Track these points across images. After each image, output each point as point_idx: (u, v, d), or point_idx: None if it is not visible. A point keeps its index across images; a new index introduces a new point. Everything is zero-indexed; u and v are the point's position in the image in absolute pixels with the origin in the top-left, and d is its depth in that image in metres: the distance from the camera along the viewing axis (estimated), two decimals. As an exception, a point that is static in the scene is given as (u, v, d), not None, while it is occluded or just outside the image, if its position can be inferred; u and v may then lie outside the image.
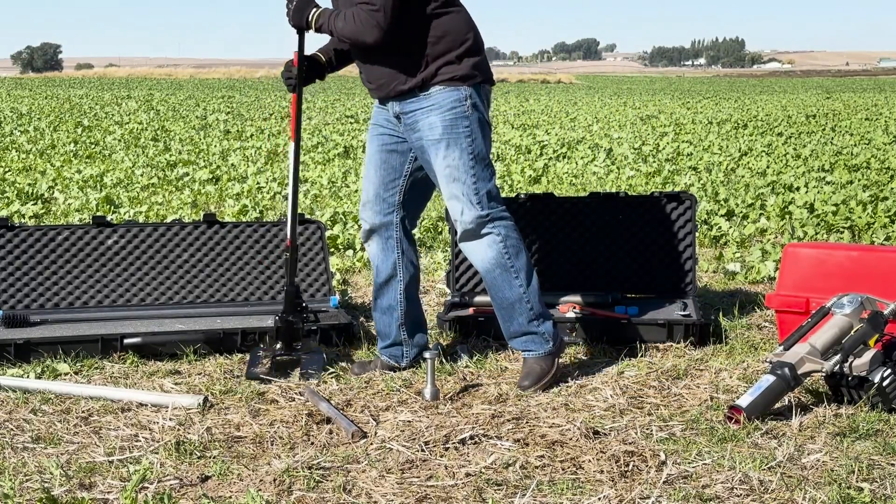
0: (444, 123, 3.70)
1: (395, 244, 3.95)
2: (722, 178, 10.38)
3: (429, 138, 3.73)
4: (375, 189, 3.95)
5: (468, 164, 3.70)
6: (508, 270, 3.76)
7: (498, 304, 3.83)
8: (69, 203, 8.29)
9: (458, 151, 3.70)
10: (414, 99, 3.74)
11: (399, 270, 3.96)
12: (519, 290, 3.78)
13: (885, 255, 4.15)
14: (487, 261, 3.77)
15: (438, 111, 3.70)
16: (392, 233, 3.94)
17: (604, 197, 4.90)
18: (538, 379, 3.77)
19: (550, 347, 3.81)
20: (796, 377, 3.48)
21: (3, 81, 52.96)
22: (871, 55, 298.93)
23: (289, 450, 3.19)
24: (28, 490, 2.85)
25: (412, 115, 3.75)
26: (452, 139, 3.70)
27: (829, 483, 2.89)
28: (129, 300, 4.59)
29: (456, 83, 3.70)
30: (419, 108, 3.73)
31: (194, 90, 38.51)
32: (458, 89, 3.69)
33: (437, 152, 3.73)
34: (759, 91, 42.25)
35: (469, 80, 3.72)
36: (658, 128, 17.89)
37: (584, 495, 2.84)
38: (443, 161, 3.72)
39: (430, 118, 3.72)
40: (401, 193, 3.92)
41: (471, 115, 3.71)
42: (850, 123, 19.12)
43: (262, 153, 12.71)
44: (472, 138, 3.71)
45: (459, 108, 3.70)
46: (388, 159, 3.91)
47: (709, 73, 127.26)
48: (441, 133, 3.70)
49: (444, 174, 3.73)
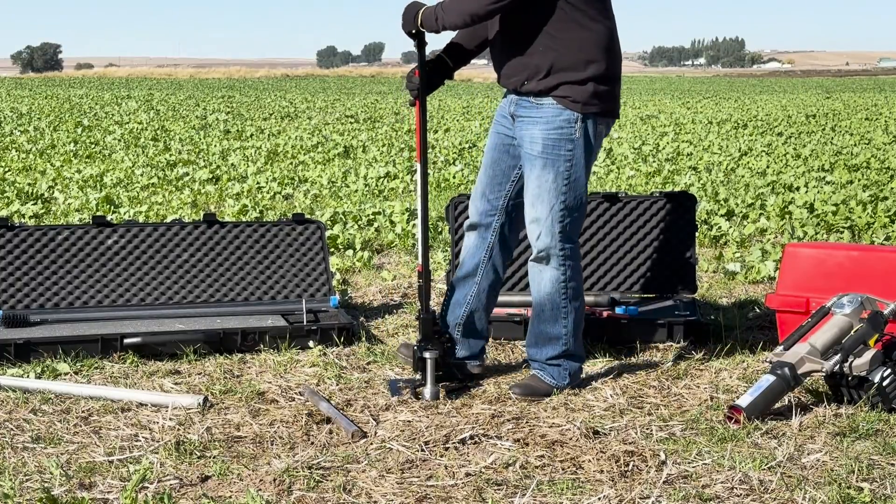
0: (547, 141, 3.57)
1: (487, 247, 3.81)
2: (722, 178, 10.38)
3: (528, 152, 3.62)
4: (483, 187, 3.81)
5: (560, 189, 3.58)
6: (560, 310, 3.71)
7: (536, 332, 3.78)
8: (69, 203, 8.29)
9: (553, 174, 3.58)
10: (527, 104, 3.62)
11: (479, 274, 3.84)
12: (562, 330, 3.73)
13: (885, 255, 4.15)
14: (543, 294, 3.70)
15: (544, 126, 3.58)
16: (488, 235, 3.81)
17: (604, 197, 4.90)
18: (532, 394, 3.71)
19: (564, 384, 3.76)
20: (796, 377, 3.48)
21: (3, 81, 52.96)
22: (871, 55, 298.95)
23: (289, 450, 3.19)
24: (28, 490, 2.85)
25: (521, 120, 3.65)
26: (551, 160, 3.58)
27: (829, 483, 2.89)
28: (129, 300, 4.59)
29: (570, 104, 3.55)
30: (528, 117, 3.62)
31: (194, 90, 38.51)
32: (571, 111, 3.56)
33: (532, 168, 3.61)
34: (759, 91, 42.25)
35: (585, 106, 3.56)
36: (658, 128, 17.88)
37: (584, 495, 2.84)
38: (536, 179, 3.60)
39: (534, 131, 3.60)
40: (506, 199, 3.78)
41: (577, 139, 3.57)
42: (850, 123, 19.12)
43: (262, 153, 12.71)
44: (572, 164, 3.58)
45: (567, 130, 3.56)
46: (499, 160, 3.77)
47: (709, 73, 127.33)
48: (541, 150, 3.58)
49: (534, 193, 3.62)
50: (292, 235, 4.84)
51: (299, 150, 13.18)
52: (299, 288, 4.76)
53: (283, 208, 8.34)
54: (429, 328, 3.74)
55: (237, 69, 75.02)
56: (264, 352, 4.27)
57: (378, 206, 8.17)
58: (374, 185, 9.72)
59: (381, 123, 18.94)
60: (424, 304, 3.76)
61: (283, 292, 4.74)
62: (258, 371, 4.05)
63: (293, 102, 27.39)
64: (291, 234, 4.85)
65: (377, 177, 10.21)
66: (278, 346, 4.30)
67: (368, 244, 6.74)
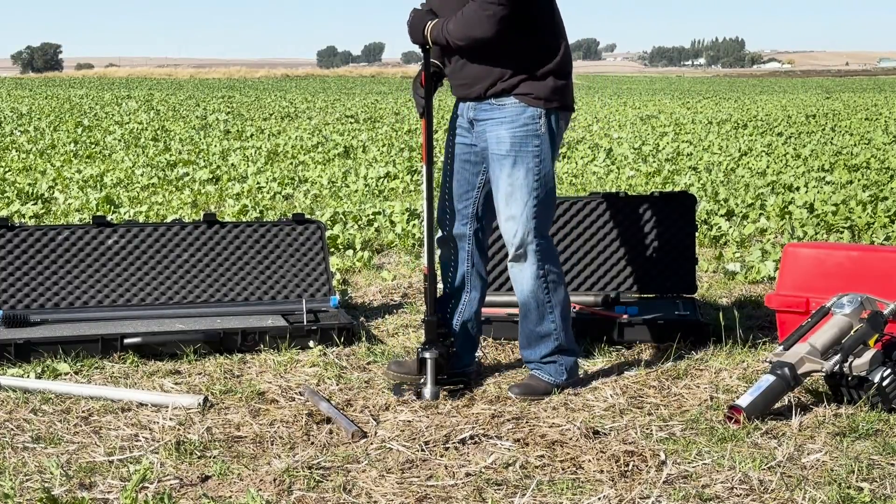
0: (514, 139, 3.62)
1: (467, 256, 3.85)
2: (722, 178, 10.39)
3: (496, 152, 3.66)
4: (448, 199, 3.85)
5: (532, 185, 3.63)
6: (544, 306, 3.73)
7: (527, 333, 3.80)
8: (69, 203, 8.29)
9: (523, 170, 3.62)
10: (488, 107, 3.66)
11: (467, 284, 3.87)
12: (551, 326, 3.75)
13: (885, 255, 4.15)
14: (526, 292, 3.73)
15: (509, 125, 3.62)
16: (465, 245, 3.85)
17: (604, 197, 4.90)
18: (531, 393, 3.72)
19: (562, 381, 3.77)
20: (796, 377, 3.48)
21: (3, 81, 52.97)
22: (871, 55, 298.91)
23: (289, 450, 3.19)
24: (28, 490, 2.85)
25: (483, 123, 3.68)
26: (521, 157, 3.62)
27: (829, 483, 2.90)
28: (129, 300, 4.59)
29: (532, 101, 3.61)
30: (491, 119, 3.66)
31: (194, 90, 38.51)
32: (534, 108, 3.61)
33: (502, 168, 3.65)
34: (759, 91, 42.26)
35: (547, 102, 3.62)
36: (658, 128, 17.89)
37: (584, 495, 2.84)
38: (507, 178, 3.64)
39: (500, 131, 3.64)
40: (475, 205, 3.82)
41: (542, 135, 3.62)
42: (850, 123, 19.12)
43: (262, 153, 12.71)
44: (540, 159, 3.63)
45: (532, 126, 3.62)
46: (461, 169, 3.82)
47: (709, 73, 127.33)
48: (509, 148, 3.62)
49: (506, 192, 3.65)
50: (292, 235, 4.85)
51: (299, 151, 13.19)
52: (299, 288, 4.76)
53: (283, 208, 8.34)
54: (433, 330, 3.75)
55: (237, 69, 75.00)
56: (264, 352, 4.27)
57: (378, 206, 8.17)
58: (374, 185, 9.72)
59: (381, 123, 18.95)
60: (430, 307, 3.77)
61: (284, 292, 4.74)
62: (258, 371, 4.05)
63: (293, 102, 27.39)
64: (291, 234, 4.85)
65: (377, 177, 10.22)
66: (278, 346, 4.30)
67: (368, 244, 6.74)
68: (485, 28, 3.52)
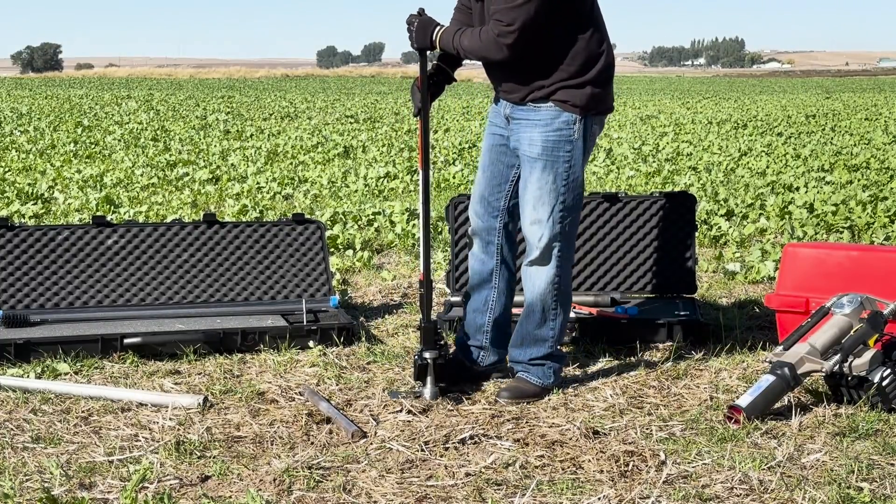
0: (546, 143, 3.60)
1: (496, 250, 3.83)
2: (722, 178, 10.39)
3: (527, 154, 3.65)
4: (482, 191, 3.83)
5: (560, 190, 3.62)
6: (549, 311, 3.73)
7: (523, 333, 3.79)
8: (69, 203, 8.29)
9: (553, 175, 3.61)
10: (524, 109, 3.65)
11: (495, 277, 3.85)
12: (549, 332, 3.75)
13: (885, 255, 4.15)
14: (537, 294, 3.72)
15: (542, 128, 3.61)
16: (493, 238, 3.82)
17: (604, 197, 4.90)
18: (521, 396, 3.70)
19: (548, 383, 3.77)
20: (796, 377, 3.48)
21: (3, 81, 52.96)
22: (871, 55, 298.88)
23: (289, 450, 3.19)
24: (28, 490, 2.85)
25: (518, 122, 3.67)
26: (551, 161, 3.61)
27: (829, 483, 2.90)
28: (129, 300, 4.59)
29: (569, 108, 3.59)
30: (526, 119, 3.65)
31: (194, 90, 38.51)
32: (569, 113, 3.60)
33: (532, 170, 3.64)
34: (759, 91, 42.25)
35: (584, 109, 3.60)
36: (658, 128, 17.88)
37: (584, 495, 2.84)
38: (536, 182, 3.63)
39: (533, 133, 3.62)
40: (506, 199, 3.80)
41: (575, 140, 3.61)
42: (850, 123, 19.12)
43: (262, 153, 12.71)
44: (571, 165, 3.62)
45: (566, 132, 3.60)
46: (496, 161, 3.80)
47: (709, 73, 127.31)
48: (540, 152, 3.61)
49: (535, 195, 3.64)
50: (292, 235, 4.84)
51: (299, 151, 13.18)
52: (299, 288, 4.76)
53: (283, 208, 8.34)
54: (430, 337, 3.73)
55: (237, 69, 75.04)
56: (264, 352, 4.27)
57: (378, 206, 8.17)
58: (374, 185, 9.72)
59: (381, 123, 18.94)
60: (426, 313, 3.76)
61: (283, 292, 4.74)
62: (258, 371, 4.05)
63: (293, 102, 27.39)
64: (291, 234, 4.85)
65: (377, 177, 10.22)
66: (278, 346, 4.30)
67: (368, 244, 6.74)
68: (501, 54, 3.53)
